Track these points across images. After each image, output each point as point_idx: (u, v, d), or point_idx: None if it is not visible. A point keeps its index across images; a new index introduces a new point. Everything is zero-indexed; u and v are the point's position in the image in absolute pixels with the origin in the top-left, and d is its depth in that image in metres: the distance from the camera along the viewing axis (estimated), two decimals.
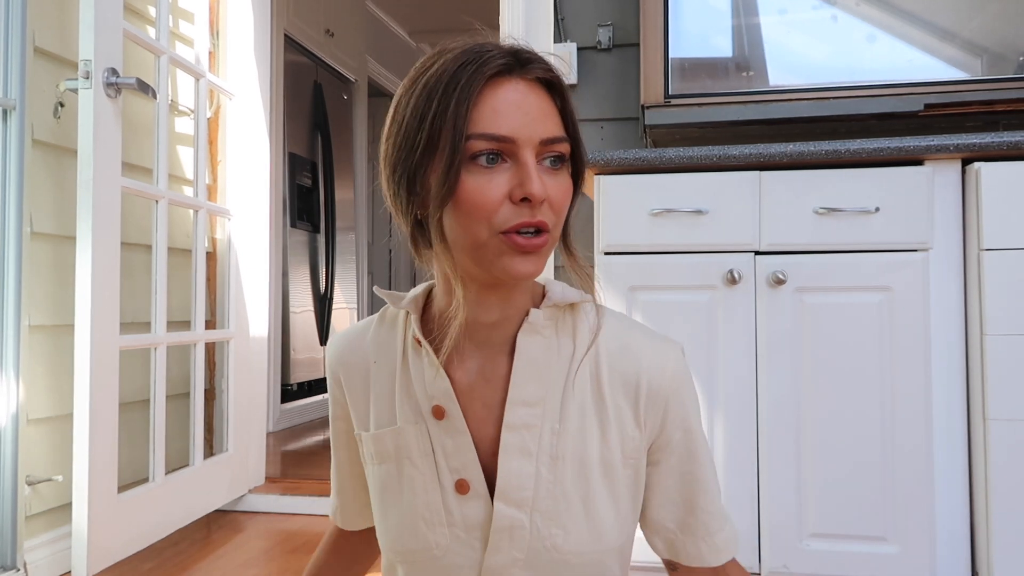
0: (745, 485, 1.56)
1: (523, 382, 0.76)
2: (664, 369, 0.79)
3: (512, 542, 0.76)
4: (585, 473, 0.77)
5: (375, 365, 0.83)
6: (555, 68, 0.76)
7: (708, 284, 1.60)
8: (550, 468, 0.76)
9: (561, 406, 0.77)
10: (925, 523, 1.50)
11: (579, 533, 0.76)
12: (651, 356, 0.80)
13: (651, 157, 1.63)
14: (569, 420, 0.77)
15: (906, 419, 1.51)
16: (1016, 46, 1.88)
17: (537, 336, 0.77)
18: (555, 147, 0.71)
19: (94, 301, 1.72)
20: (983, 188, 1.50)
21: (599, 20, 2.23)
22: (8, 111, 1.74)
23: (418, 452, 0.78)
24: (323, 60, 4.06)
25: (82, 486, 1.70)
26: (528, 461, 0.76)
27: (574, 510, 0.77)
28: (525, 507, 0.76)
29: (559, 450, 0.77)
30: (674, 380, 0.79)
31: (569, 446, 0.77)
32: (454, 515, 0.77)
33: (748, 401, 1.57)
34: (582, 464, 0.77)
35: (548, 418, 0.77)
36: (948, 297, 1.55)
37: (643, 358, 0.79)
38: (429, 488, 0.78)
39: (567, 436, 0.77)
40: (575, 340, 0.79)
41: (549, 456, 0.76)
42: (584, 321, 0.80)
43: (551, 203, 0.71)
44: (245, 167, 2.46)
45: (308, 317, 3.94)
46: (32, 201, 1.81)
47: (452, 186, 0.69)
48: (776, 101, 1.94)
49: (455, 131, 0.68)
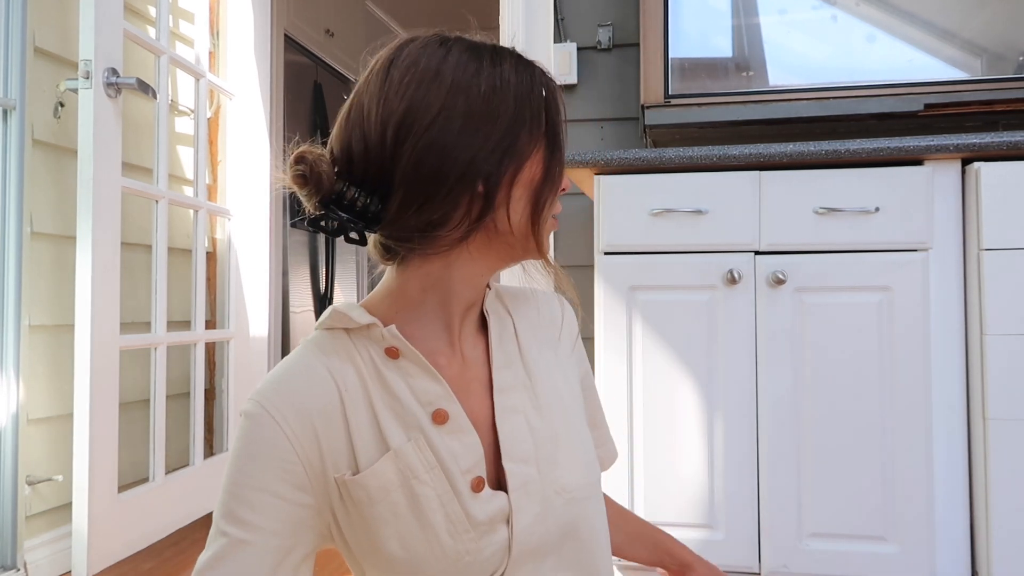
0: (745, 485, 1.57)
1: (498, 349, 0.83)
2: (572, 312, 0.94)
3: (529, 497, 0.75)
4: (563, 408, 0.83)
5: (346, 395, 0.73)
6: None
7: (708, 284, 1.60)
8: (538, 415, 0.80)
9: (524, 365, 0.83)
10: (925, 523, 1.50)
11: (576, 466, 0.80)
12: (560, 303, 0.94)
13: (651, 157, 1.63)
14: (535, 373, 0.83)
15: (906, 419, 1.51)
16: (1016, 46, 1.88)
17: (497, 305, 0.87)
18: None
19: (94, 301, 1.72)
20: (983, 188, 1.50)
21: (599, 20, 2.24)
22: (8, 111, 1.74)
23: (423, 467, 0.72)
24: (323, 60, 4.06)
25: (82, 486, 1.70)
26: (521, 417, 0.79)
27: (568, 445, 0.81)
28: (530, 460, 0.77)
29: (538, 399, 0.81)
30: (573, 319, 0.94)
31: (546, 390, 0.83)
32: (477, 516, 0.73)
33: (748, 401, 1.57)
34: (558, 402, 0.83)
35: (518, 381, 0.82)
36: (948, 297, 1.55)
37: (555, 304, 0.93)
38: (446, 500, 0.72)
39: (539, 382, 0.83)
40: (504, 306, 0.88)
41: (533, 406, 0.80)
42: (503, 297, 0.90)
43: None
44: (245, 167, 2.47)
45: (308, 317, 3.94)
46: (32, 201, 1.81)
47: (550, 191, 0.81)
48: (776, 101, 1.94)
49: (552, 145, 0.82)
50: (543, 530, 0.77)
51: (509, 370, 0.81)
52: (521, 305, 0.90)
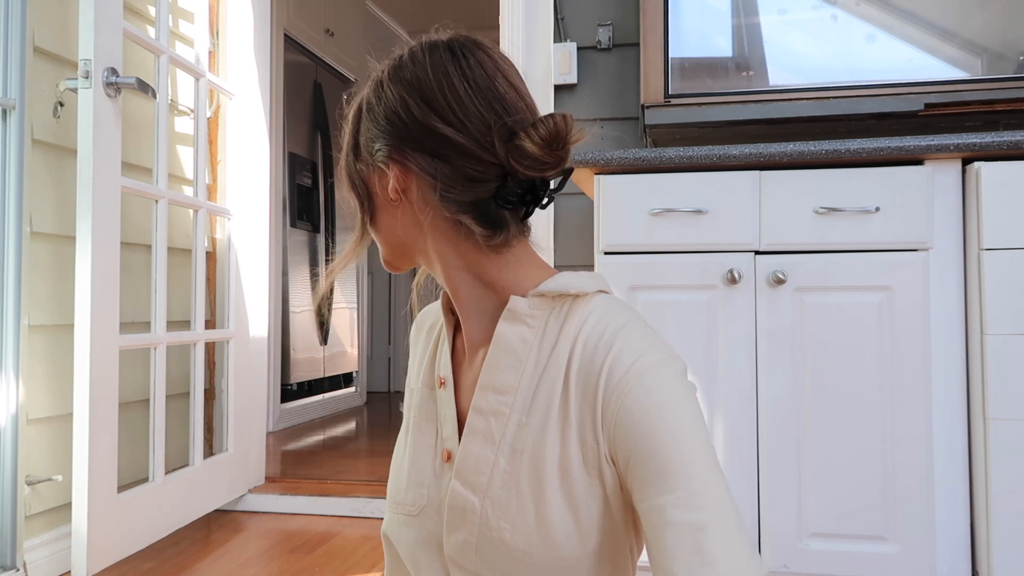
0: (745, 485, 1.56)
1: (495, 368, 0.75)
2: (633, 364, 0.69)
3: (464, 524, 0.75)
4: (540, 473, 0.72)
5: (429, 330, 0.90)
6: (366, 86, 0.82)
7: (708, 284, 1.60)
8: (509, 459, 0.73)
9: (532, 399, 0.73)
10: (925, 523, 1.50)
11: (527, 533, 0.72)
12: (620, 350, 0.70)
13: (651, 157, 1.63)
14: (534, 415, 0.73)
15: (906, 419, 1.51)
16: (1016, 45, 1.88)
17: (520, 325, 0.74)
18: None
19: (94, 301, 1.72)
20: (983, 188, 1.50)
21: (599, 20, 2.23)
22: (8, 111, 1.74)
23: (424, 416, 0.82)
24: (323, 60, 4.06)
25: (82, 486, 1.70)
26: (490, 448, 0.74)
27: (525, 508, 0.72)
28: (479, 492, 0.74)
29: (520, 443, 0.73)
30: (640, 379, 0.69)
31: (529, 441, 0.73)
32: (436, 480, 0.79)
33: (748, 401, 1.57)
34: (538, 463, 0.72)
35: (517, 408, 0.74)
36: (948, 297, 1.55)
37: (611, 352, 0.71)
38: (426, 451, 0.81)
39: (530, 431, 0.73)
40: (562, 333, 0.74)
41: (510, 447, 0.73)
42: (582, 314, 0.74)
43: None
44: (245, 167, 2.47)
45: (308, 317, 3.94)
46: (32, 201, 1.81)
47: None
48: (776, 101, 1.94)
49: None
50: (476, 559, 0.75)
51: (499, 396, 0.75)
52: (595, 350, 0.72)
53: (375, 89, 0.79)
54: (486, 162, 0.73)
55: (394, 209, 0.79)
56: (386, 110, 0.77)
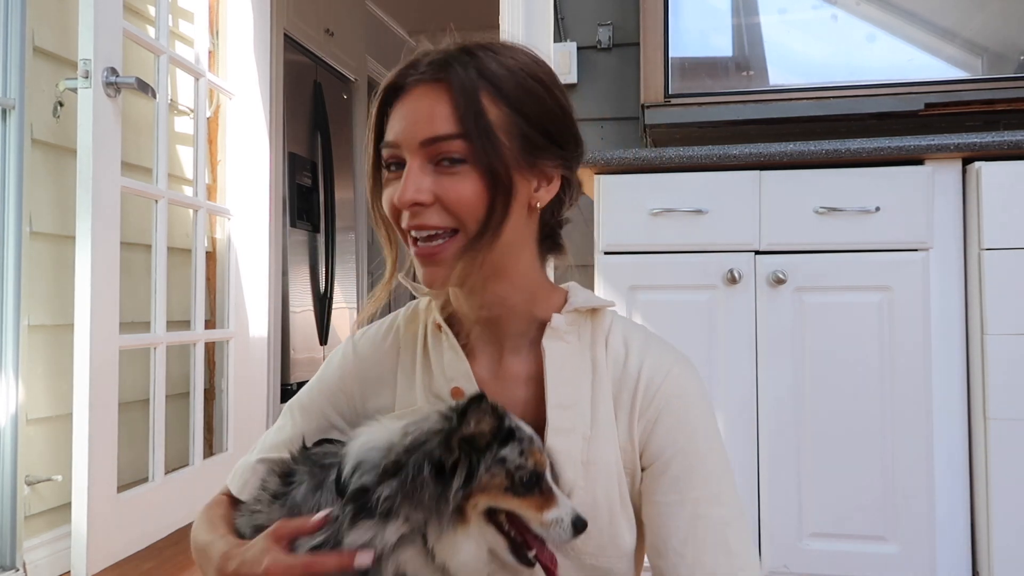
0: (745, 485, 1.56)
1: (556, 385, 0.76)
2: (668, 374, 0.78)
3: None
4: (611, 479, 0.77)
5: (401, 354, 0.84)
6: (471, 65, 0.72)
7: (708, 284, 1.59)
8: (582, 474, 0.76)
9: (591, 412, 0.77)
10: (925, 523, 1.50)
11: (599, 537, 0.76)
12: (656, 359, 0.78)
13: (651, 157, 1.63)
14: (598, 426, 0.77)
15: (906, 419, 1.51)
16: (1016, 45, 1.88)
17: (560, 342, 0.77)
18: (441, 146, 0.70)
19: (94, 301, 1.72)
20: (983, 187, 1.50)
21: (599, 19, 2.23)
22: (8, 111, 1.74)
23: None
24: (323, 60, 4.06)
25: (82, 486, 1.70)
26: (567, 468, 0.76)
27: (600, 515, 0.76)
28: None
29: (591, 455, 0.76)
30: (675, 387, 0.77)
31: (600, 452, 0.76)
32: None
33: (748, 401, 1.57)
34: (609, 470, 0.77)
35: (580, 423, 0.76)
36: (948, 297, 1.55)
37: (647, 361, 0.78)
38: None
39: (598, 442, 0.76)
40: (594, 346, 0.79)
41: (581, 462, 0.76)
42: (603, 328, 0.80)
43: (444, 204, 0.71)
44: (245, 167, 2.46)
45: (308, 317, 3.94)
46: (32, 201, 1.81)
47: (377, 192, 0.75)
48: (776, 100, 1.94)
49: (374, 140, 0.75)
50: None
51: (564, 411, 0.76)
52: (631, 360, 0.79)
53: (552, 94, 0.75)
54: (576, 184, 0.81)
55: (519, 218, 0.75)
56: (563, 127, 0.77)
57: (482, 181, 0.71)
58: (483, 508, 0.68)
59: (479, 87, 0.71)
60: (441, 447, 0.67)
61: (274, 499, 0.78)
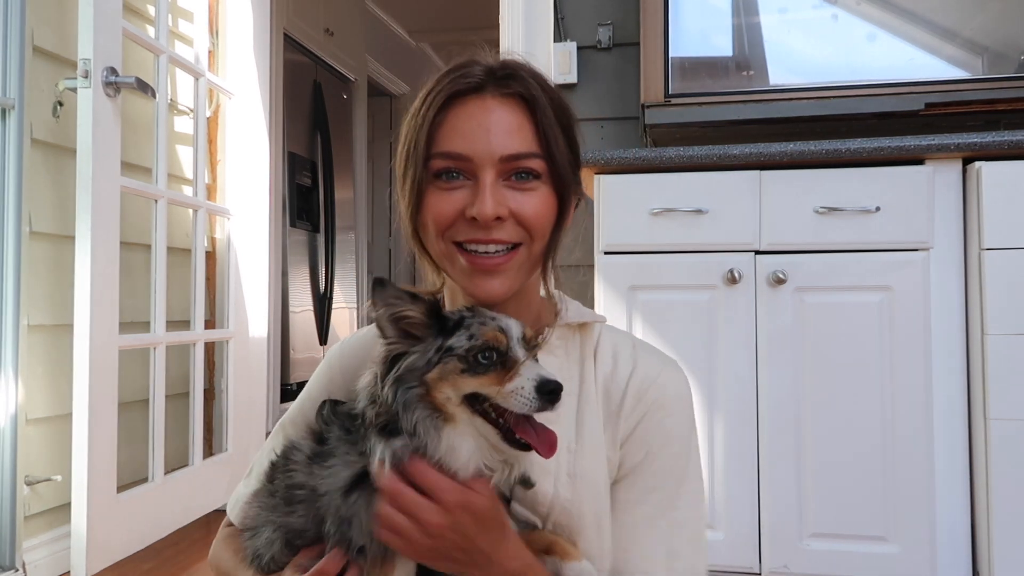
0: (745, 485, 1.56)
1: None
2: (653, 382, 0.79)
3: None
4: (599, 492, 0.77)
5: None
6: (534, 83, 0.74)
7: (708, 284, 1.59)
8: (567, 487, 0.76)
9: (576, 425, 0.77)
10: (925, 523, 1.50)
11: (587, 548, 0.76)
12: (644, 369, 0.79)
13: (651, 156, 1.63)
14: (584, 439, 0.77)
15: (906, 419, 1.51)
16: (1017, 45, 1.88)
17: (550, 356, 0.78)
18: (521, 163, 0.72)
19: (93, 301, 1.72)
20: (984, 187, 1.49)
21: (599, 19, 2.23)
22: (7, 110, 1.74)
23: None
24: (323, 59, 4.06)
25: (81, 486, 1.70)
26: (546, 480, 0.76)
27: (587, 527, 0.77)
28: (539, 517, 0.77)
29: (577, 468, 0.77)
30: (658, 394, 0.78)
31: (586, 465, 0.77)
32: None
33: (748, 401, 1.57)
34: (596, 483, 0.77)
35: (564, 437, 0.76)
36: (948, 297, 1.54)
37: (636, 371, 0.79)
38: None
39: (584, 455, 0.77)
40: (583, 361, 0.79)
41: (567, 474, 0.76)
42: (592, 341, 0.80)
43: (520, 219, 0.72)
44: (245, 166, 2.46)
45: (308, 317, 3.94)
46: (31, 201, 1.80)
47: (417, 202, 0.73)
48: (776, 100, 1.94)
49: (417, 149, 0.72)
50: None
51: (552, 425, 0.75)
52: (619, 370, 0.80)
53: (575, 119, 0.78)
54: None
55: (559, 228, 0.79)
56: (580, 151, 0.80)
57: (554, 198, 0.74)
58: (455, 399, 0.68)
59: (548, 106, 0.74)
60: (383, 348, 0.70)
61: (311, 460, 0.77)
